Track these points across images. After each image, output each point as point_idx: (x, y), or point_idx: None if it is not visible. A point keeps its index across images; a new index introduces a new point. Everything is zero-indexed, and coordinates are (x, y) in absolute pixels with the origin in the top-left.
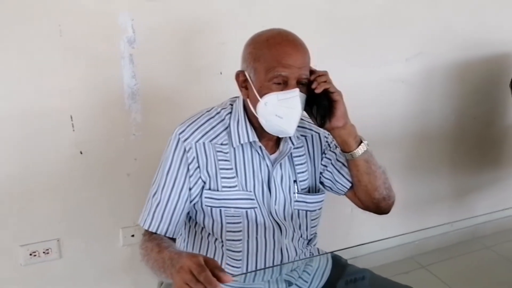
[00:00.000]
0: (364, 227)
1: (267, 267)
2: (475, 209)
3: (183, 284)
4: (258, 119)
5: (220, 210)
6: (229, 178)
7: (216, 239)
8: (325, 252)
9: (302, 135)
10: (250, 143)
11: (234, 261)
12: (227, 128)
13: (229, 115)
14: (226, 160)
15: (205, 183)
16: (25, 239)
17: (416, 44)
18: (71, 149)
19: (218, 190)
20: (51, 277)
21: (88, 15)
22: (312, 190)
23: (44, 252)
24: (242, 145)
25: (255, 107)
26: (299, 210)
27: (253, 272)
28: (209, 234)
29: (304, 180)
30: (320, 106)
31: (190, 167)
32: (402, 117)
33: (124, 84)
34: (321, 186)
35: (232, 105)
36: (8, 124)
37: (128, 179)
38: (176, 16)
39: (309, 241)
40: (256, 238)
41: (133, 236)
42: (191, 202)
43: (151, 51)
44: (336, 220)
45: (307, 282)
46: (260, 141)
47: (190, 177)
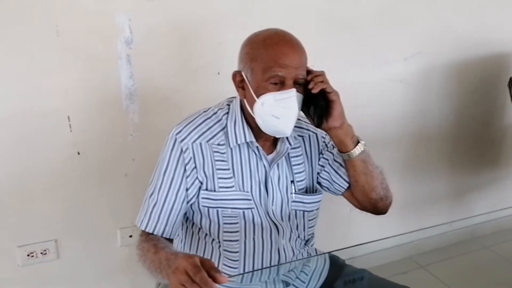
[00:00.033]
0: (362, 227)
1: (264, 267)
2: (473, 209)
3: (179, 285)
4: (255, 119)
5: (217, 211)
6: (226, 178)
7: (213, 240)
8: (322, 252)
9: (299, 135)
10: (247, 143)
11: (231, 262)
12: (224, 128)
13: (226, 116)
14: (223, 161)
15: (202, 183)
16: (22, 239)
17: (415, 44)
18: (68, 149)
19: (215, 191)
20: (48, 278)
21: (85, 16)
22: (310, 190)
23: (41, 253)
24: (239, 145)
25: (252, 107)
26: (296, 211)
27: (250, 272)
28: (206, 234)
29: (302, 180)
30: (317, 106)
31: (187, 168)
32: (401, 117)
33: (121, 85)
34: (318, 187)
35: (229, 105)
36: (5, 125)
37: (126, 180)
38: (174, 16)
39: (306, 242)
40: (253, 238)
41: (131, 236)
42: (188, 202)
43: (148, 52)
44: (334, 220)
45: (304, 283)
46: (257, 141)
47: (187, 177)
